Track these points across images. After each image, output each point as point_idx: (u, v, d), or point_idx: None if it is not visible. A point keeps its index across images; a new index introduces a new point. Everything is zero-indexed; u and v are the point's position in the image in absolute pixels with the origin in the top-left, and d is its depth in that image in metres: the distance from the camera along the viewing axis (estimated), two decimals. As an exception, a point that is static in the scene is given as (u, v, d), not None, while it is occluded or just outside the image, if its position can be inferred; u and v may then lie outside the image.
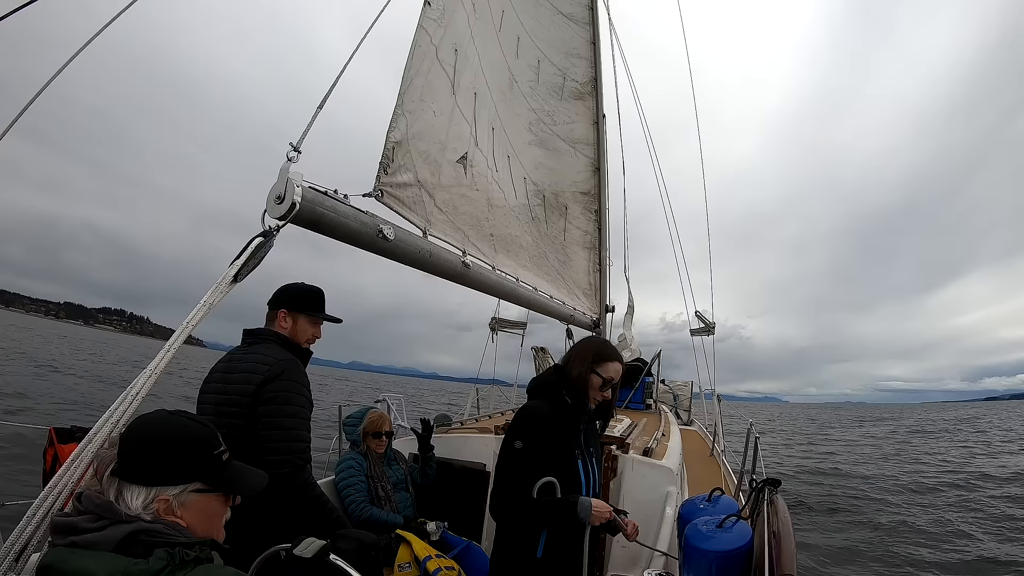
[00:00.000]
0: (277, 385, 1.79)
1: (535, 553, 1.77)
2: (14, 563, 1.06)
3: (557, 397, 1.90)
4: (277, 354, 1.88)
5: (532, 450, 1.79)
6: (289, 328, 2.01)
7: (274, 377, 1.79)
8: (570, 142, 4.23)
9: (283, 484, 1.73)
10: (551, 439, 1.82)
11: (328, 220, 1.58)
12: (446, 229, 2.41)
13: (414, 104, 2.10)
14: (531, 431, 1.82)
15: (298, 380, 1.86)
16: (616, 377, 1.95)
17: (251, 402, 1.79)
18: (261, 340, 1.97)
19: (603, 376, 1.92)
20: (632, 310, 7.55)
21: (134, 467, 0.95)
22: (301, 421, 1.83)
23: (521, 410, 1.95)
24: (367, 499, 2.80)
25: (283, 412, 1.78)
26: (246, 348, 1.97)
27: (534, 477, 1.78)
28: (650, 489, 2.64)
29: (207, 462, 1.02)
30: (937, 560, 6.74)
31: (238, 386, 1.84)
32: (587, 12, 4.54)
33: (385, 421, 3.02)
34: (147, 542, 0.88)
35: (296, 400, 1.82)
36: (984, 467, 14.79)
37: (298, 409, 1.83)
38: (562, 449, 1.84)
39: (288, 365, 1.85)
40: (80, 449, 1.16)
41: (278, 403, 1.78)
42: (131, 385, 1.22)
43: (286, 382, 1.81)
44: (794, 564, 1.49)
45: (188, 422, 1.03)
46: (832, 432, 32.25)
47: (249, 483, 1.10)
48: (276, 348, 1.93)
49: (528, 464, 1.79)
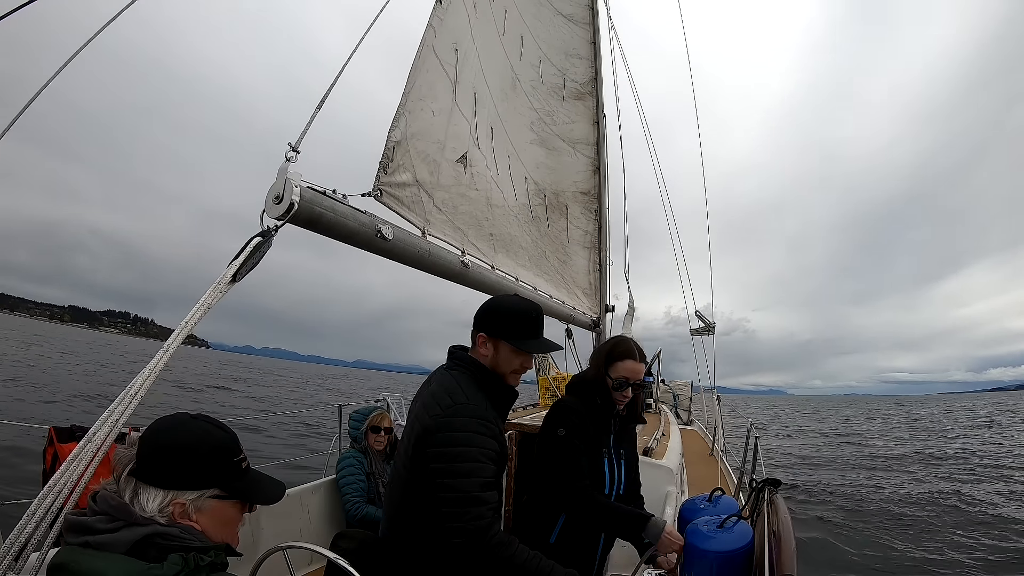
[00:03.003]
0: (443, 438, 1.43)
1: (548, 539, 1.79)
2: (13, 562, 1.06)
3: (589, 395, 1.93)
4: (454, 394, 1.51)
5: (574, 438, 1.82)
6: (490, 357, 1.60)
7: (439, 429, 1.45)
8: (570, 142, 4.23)
9: (462, 556, 1.42)
10: (584, 433, 1.84)
11: (327, 220, 1.58)
12: (445, 229, 2.41)
13: (413, 103, 2.10)
14: (570, 422, 1.84)
15: (470, 430, 1.46)
16: (632, 376, 1.92)
17: (412, 453, 1.48)
18: (456, 366, 1.61)
19: (612, 377, 1.91)
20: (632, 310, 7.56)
21: (152, 469, 0.94)
22: (476, 480, 1.42)
23: (557, 403, 1.98)
24: (364, 497, 2.81)
25: (455, 472, 1.41)
26: (441, 372, 1.64)
27: (583, 463, 1.80)
28: (650, 489, 2.64)
29: (226, 469, 1.01)
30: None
31: (408, 424, 1.59)
32: (587, 12, 4.55)
33: (385, 417, 3.06)
34: (161, 546, 0.88)
35: (468, 455, 1.43)
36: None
37: (473, 467, 1.43)
38: (591, 446, 1.86)
39: (461, 411, 1.47)
40: (79, 448, 1.16)
41: (446, 460, 1.42)
42: (130, 385, 1.22)
43: (455, 434, 1.44)
44: (794, 564, 1.49)
45: (209, 427, 1.03)
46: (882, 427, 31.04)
47: (267, 493, 1.09)
48: (463, 381, 1.55)
49: (577, 451, 1.81)
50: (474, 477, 1.42)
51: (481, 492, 1.41)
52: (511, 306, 1.65)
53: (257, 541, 2.41)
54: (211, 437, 1.01)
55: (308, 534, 2.66)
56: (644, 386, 2.02)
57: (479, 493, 1.41)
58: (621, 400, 1.94)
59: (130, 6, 1.63)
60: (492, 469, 1.47)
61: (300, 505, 2.74)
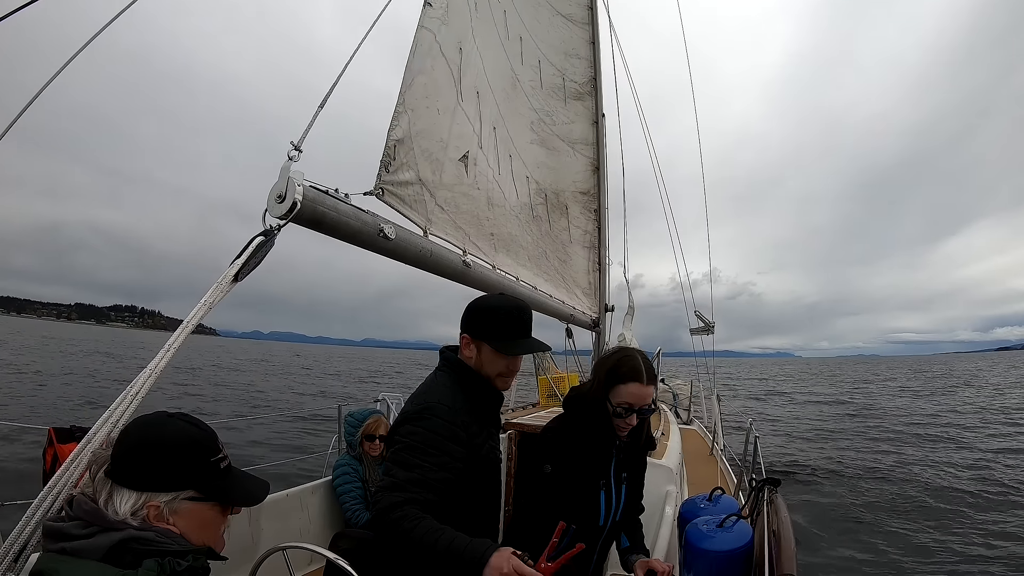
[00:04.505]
0: (404, 430, 1.44)
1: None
2: (13, 563, 1.06)
3: (586, 419, 1.65)
4: (428, 394, 1.50)
5: (560, 476, 1.61)
6: (474, 359, 1.56)
7: (404, 422, 1.45)
8: (569, 142, 4.24)
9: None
10: (575, 467, 1.62)
11: (330, 219, 1.58)
12: (447, 228, 2.41)
13: (417, 102, 2.09)
14: (559, 456, 1.63)
15: (432, 430, 1.41)
16: (636, 403, 1.58)
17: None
18: (443, 368, 1.60)
19: (614, 403, 1.59)
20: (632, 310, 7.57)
21: (126, 469, 0.91)
22: (414, 475, 1.37)
23: (547, 431, 1.73)
24: (363, 504, 2.80)
25: (399, 461, 1.39)
26: (432, 373, 1.63)
27: (558, 505, 1.57)
28: (650, 489, 2.64)
29: (202, 469, 0.96)
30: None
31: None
32: (586, 12, 4.55)
33: (380, 425, 2.97)
34: (137, 551, 0.85)
35: (418, 451, 1.39)
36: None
37: (419, 463, 1.38)
38: (585, 479, 1.64)
39: (428, 412, 1.44)
40: (79, 449, 1.15)
41: (397, 450, 1.42)
42: (131, 384, 1.22)
43: (415, 430, 1.42)
44: (794, 563, 1.49)
45: (186, 425, 0.98)
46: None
47: (248, 493, 1.04)
48: (442, 382, 1.54)
49: (555, 492, 1.61)
50: (415, 472, 1.36)
51: (411, 485, 1.34)
52: (493, 306, 1.57)
53: (257, 541, 2.41)
54: (185, 435, 0.96)
55: (307, 534, 2.65)
56: (652, 412, 1.66)
57: (408, 484, 1.34)
58: (623, 428, 1.63)
59: (130, 6, 1.62)
60: (442, 476, 1.38)
61: (300, 506, 2.74)
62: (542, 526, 1.67)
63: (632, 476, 1.78)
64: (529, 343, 1.57)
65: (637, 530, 1.92)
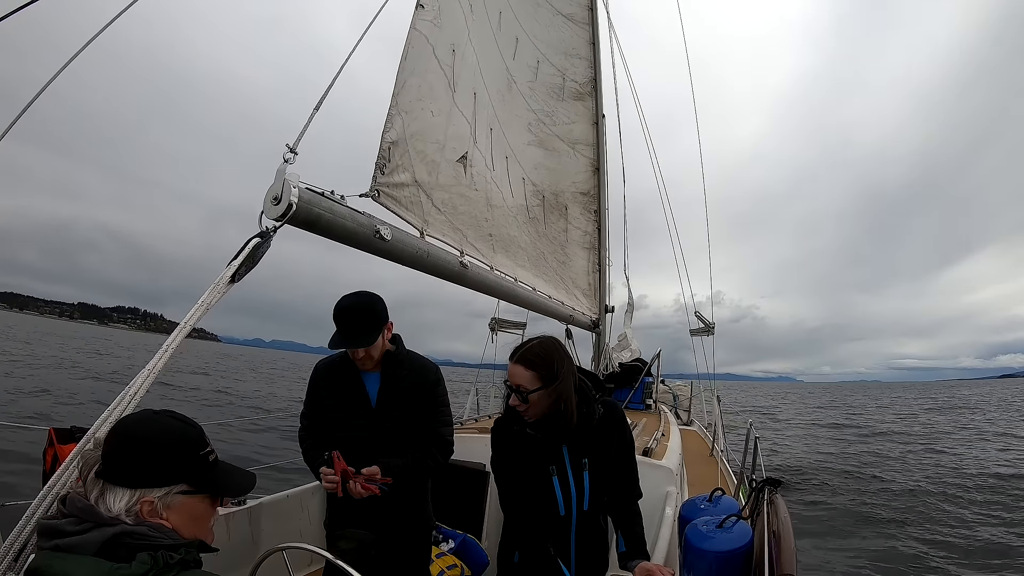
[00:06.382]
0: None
1: (512, 558, 1.73)
2: (13, 563, 1.07)
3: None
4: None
5: (499, 469, 1.68)
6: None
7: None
8: (569, 142, 4.24)
9: None
10: (514, 457, 1.64)
11: (325, 221, 1.58)
12: (444, 229, 2.41)
13: (411, 104, 2.10)
14: (495, 448, 1.69)
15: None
16: (512, 381, 1.55)
17: None
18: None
19: (505, 382, 1.60)
20: (632, 309, 7.56)
21: (117, 468, 0.93)
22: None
23: (495, 423, 1.77)
24: None
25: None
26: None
27: (511, 496, 1.65)
28: (650, 489, 2.64)
29: (192, 463, 0.99)
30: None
31: None
32: (587, 12, 4.55)
33: None
34: (131, 545, 0.87)
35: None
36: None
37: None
38: (530, 467, 1.63)
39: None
40: (79, 449, 1.16)
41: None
42: (130, 384, 1.23)
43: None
44: (794, 564, 1.49)
45: (173, 422, 1.01)
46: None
47: (237, 484, 1.07)
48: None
49: (501, 483, 1.68)
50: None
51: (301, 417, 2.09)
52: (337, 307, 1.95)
53: (257, 541, 2.41)
54: (174, 432, 0.99)
55: (308, 535, 2.66)
56: (522, 392, 1.55)
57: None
58: (519, 408, 1.56)
59: (131, 6, 1.63)
60: (304, 411, 2.09)
61: (300, 506, 2.74)
62: (509, 515, 1.72)
63: (596, 461, 1.67)
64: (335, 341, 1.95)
65: (635, 527, 1.77)
